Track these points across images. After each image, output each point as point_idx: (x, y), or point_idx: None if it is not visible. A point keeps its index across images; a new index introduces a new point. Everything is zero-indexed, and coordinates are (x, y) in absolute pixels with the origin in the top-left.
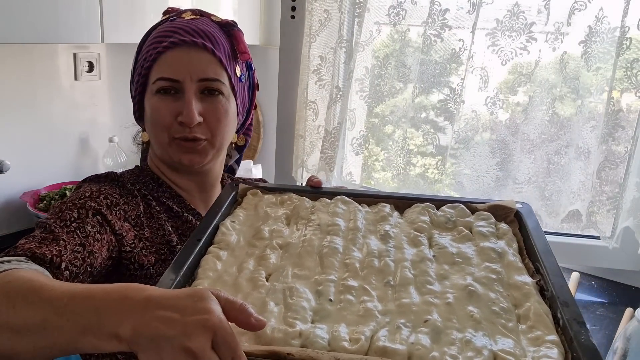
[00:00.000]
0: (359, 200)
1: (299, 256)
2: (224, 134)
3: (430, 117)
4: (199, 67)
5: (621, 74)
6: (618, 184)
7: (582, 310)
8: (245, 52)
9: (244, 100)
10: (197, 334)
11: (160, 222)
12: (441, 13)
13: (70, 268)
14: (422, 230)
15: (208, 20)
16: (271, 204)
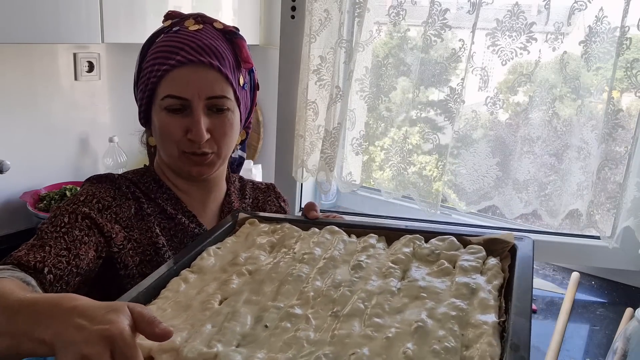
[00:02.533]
0: (351, 230)
1: (260, 282)
2: (230, 146)
3: (430, 117)
4: (207, 85)
5: (621, 74)
6: (618, 183)
7: (582, 310)
8: (248, 61)
9: (246, 104)
10: (96, 342)
11: (149, 224)
12: (441, 13)
13: (53, 271)
14: (400, 262)
15: (211, 29)
16: (263, 232)
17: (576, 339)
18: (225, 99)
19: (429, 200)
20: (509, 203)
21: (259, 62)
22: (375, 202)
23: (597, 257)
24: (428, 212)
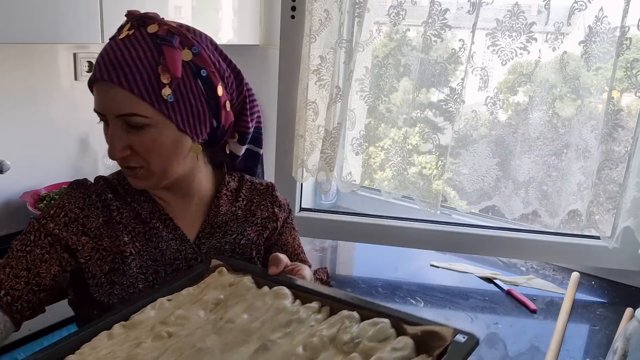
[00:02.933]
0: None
1: (167, 351)
2: (160, 161)
3: (430, 117)
4: (114, 103)
5: (621, 74)
6: (618, 183)
7: (582, 310)
8: (172, 72)
9: (196, 110)
10: None
11: (117, 232)
12: (441, 13)
13: (11, 293)
14: (310, 348)
15: (140, 36)
16: (220, 285)
17: (576, 339)
18: (137, 116)
19: (429, 200)
20: (509, 203)
21: (259, 62)
22: (375, 202)
23: (597, 257)
24: (428, 212)
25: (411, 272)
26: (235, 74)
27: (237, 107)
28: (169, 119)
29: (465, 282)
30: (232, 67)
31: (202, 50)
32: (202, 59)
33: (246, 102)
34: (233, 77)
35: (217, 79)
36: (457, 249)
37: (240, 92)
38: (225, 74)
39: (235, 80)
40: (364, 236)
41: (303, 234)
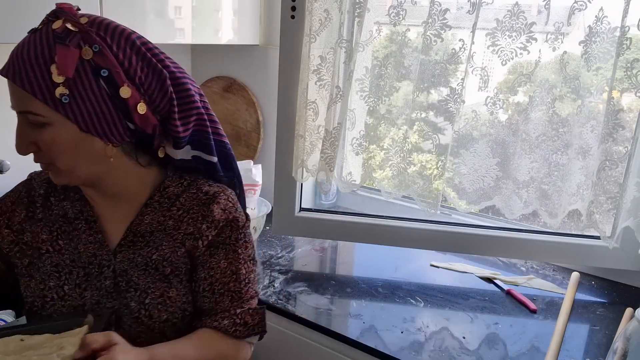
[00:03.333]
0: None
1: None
2: (65, 161)
3: (430, 117)
4: (14, 99)
5: (621, 74)
6: (618, 183)
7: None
8: (62, 70)
9: (100, 111)
10: None
11: (37, 229)
12: (441, 13)
13: None
14: None
15: (44, 32)
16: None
17: (576, 339)
18: (32, 114)
19: (429, 200)
20: (509, 203)
21: (259, 62)
22: (375, 202)
23: (597, 257)
24: (428, 212)
25: (411, 272)
26: (156, 75)
27: (163, 110)
28: (67, 118)
29: (465, 282)
30: (153, 67)
31: (105, 48)
32: (103, 58)
33: (174, 106)
34: (153, 78)
35: (122, 79)
36: (457, 249)
37: (164, 95)
38: (139, 74)
39: (157, 82)
40: (364, 236)
41: (303, 234)
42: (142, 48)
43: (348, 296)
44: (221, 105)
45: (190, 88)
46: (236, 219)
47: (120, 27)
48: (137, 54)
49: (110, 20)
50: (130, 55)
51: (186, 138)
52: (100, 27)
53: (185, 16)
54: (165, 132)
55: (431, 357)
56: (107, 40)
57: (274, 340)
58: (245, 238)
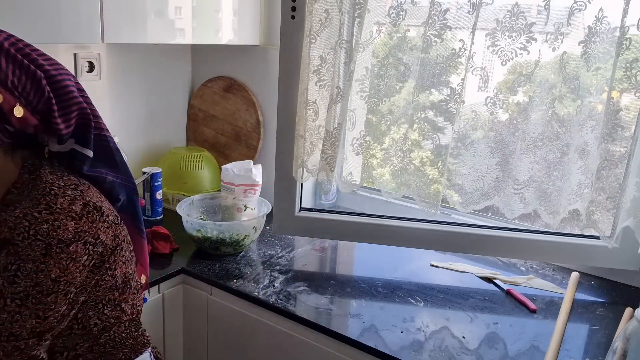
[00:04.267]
0: None
1: None
2: None
3: (430, 117)
4: None
5: (621, 74)
6: (618, 183)
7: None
8: None
9: None
10: None
11: None
12: (441, 13)
13: None
14: None
15: None
16: None
17: (576, 338)
18: None
19: (429, 200)
20: (509, 203)
21: (259, 62)
22: (375, 202)
23: (597, 257)
24: (428, 212)
25: (411, 272)
26: (30, 76)
27: (43, 109)
28: None
29: (465, 282)
30: (26, 69)
31: None
32: None
33: (52, 104)
34: (27, 79)
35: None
36: (457, 249)
37: (42, 95)
38: (10, 77)
39: (32, 83)
40: (364, 236)
41: (303, 233)
42: (11, 50)
43: (348, 296)
44: (221, 105)
45: (68, 84)
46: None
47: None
48: (7, 56)
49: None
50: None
51: (69, 134)
52: None
53: (185, 16)
54: (47, 129)
55: (431, 356)
56: None
57: (274, 340)
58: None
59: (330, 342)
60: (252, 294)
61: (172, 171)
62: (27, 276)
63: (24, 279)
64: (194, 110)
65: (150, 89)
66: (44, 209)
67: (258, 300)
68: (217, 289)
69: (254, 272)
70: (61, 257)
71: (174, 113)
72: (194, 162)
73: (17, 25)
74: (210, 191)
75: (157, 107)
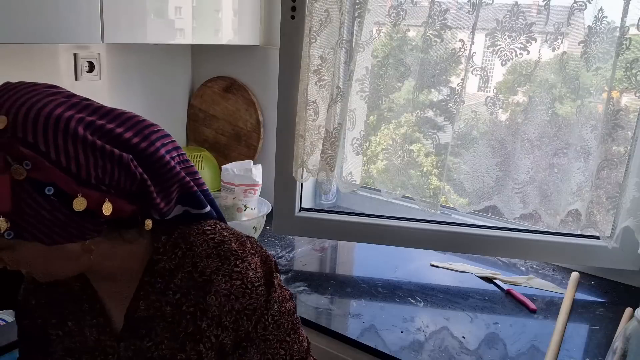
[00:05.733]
0: None
1: None
2: (40, 270)
3: (430, 117)
4: None
5: (621, 74)
6: (618, 183)
7: (581, 310)
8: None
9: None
10: None
11: (46, 313)
12: (441, 13)
13: None
14: None
15: None
16: None
17: (576, 338)
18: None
19: (429, 200)
20: (509, 203)
21: (259, 62)
22: (375, 202)
23: (597, 257)
24: (428, 212)
25: (411, 272)
26: (116, 162)
27: (137, 191)
28: (26, 240)
29: (465, 282)
30: (109, 155)
31: (39, 160)
32: (41, 172)
33: (148, 186)
34: (113, 168)
35: (73, 189)
36: (457, 249)
37: (133, 180)
38: (93, 173)
39: (119, 170)
40: (364, 236)
41: (303, 233)
42: (88, 137)
43: (348, 296)
44: (221, 105)
45: (163, 155)
46: (253, 298)
47: (54, 115)
48: (84, 147)
49: (40, 106)
50: (75, 153)
51: (171, 209)
52: (27, 127)
53: (185, 16)
54: (147, 208)
55: (431, 356)
56: (39, 147)
57: None
58: (273, 312)
59: (330, 342)
60: None
61: None
62: (286, 314)
63: (287, 318)
64: (194, 110)
65: (150, 89)
66: (235, 259)
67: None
68: None
69: None
70: (277, 294)
71: (174, 113)
72: (194, 162)
73: (17, 25)
74: (211, 191)
75: (157, 107)
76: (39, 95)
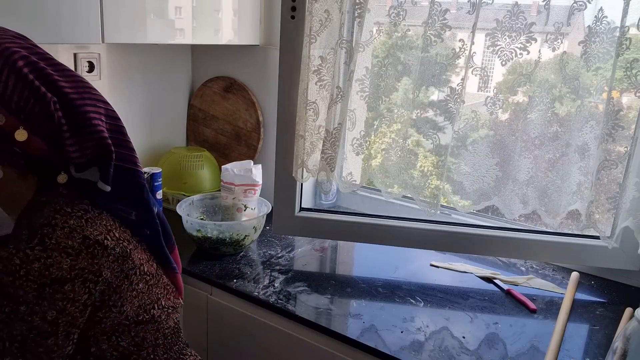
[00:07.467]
0: None
1: None
2: None
3: (430, 117)
4: None
5: (621, 74)
6: (618, 183)
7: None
8: None
9: None
10: None
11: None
12: (441, 13)
13: None
14: None
15: None
16: None
17: (576, 338)
18: None
19: (429, 200)
20: (509, 203)
21: (259, 62)
22: (375, 202)
23: (597, 257)
24: (428, 212)
25: (411, 272)
26: (39, 100)
27: (52, 134)
28: None
29: (465, 282)
30: (36, 91)
31: None
32: None
33: (64, 131)
34: (35, 103)
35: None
36: (457, 249)
37: (51, 120)
38: (15, 99)
39: (40, 107)
40: (364, 236)
41: (303, 233)
42: (23, 70)
43: (348, 296)
44: (221, 105)
45: (88, 110)
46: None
47: (2, 46)
48: (18, 77)
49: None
50: (6, 78)
51: (84, 164)
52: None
53: (185, 16)
54: (60, 155)
55: (431, 356)
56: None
57: (274, 340)
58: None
59: (330, 342)
60: (252, 294)
61: (172, 171)
62: (22, 319)
63: (19, 321)
64: (194, 110)
65: (150, 89)
66: (37, 244)
67: (258, 300)
68: (217, 289)
69: (254, 272)
70: (56, 298)
71: (174, 113)
72: (194, 162)
73: (17, 25)
74: (210, 191)
75: (157, 107)
76: (3, 33)
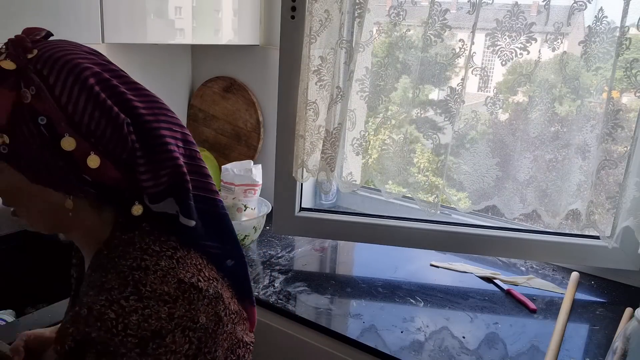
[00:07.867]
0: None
1: None
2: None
3: (430, 117)
4: None
5: (621, 74)
6: (618, 183)
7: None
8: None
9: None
10: None
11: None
12: (441, 13)
13: None
14: None
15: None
16: None
17: (576, 338)
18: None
19: (429, 200)
20: (509, 203)
21: (259, 62)
22: (375, 202)
23: (597, 257)
24: (428, 212)
25: (411, 272)
26: (111, 121)
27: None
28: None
29: (465, 282)
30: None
31: (43, 90)
32: (42, 102)
33: (137, 157)
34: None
35: (62, 128)
36: (457, 249)
37: (124, 144)
38: (86, 121)
39: (112, 130)
40: (364, 236)
41: (303, 234)
42: (95, 88)
43: (348, 296)
44: (221, 105)
45: (163, 134)
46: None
47: (73, 62)
48: (88, 95)
49: (66, 53)
50: (77, 97)
51: (159, 193)
52: (46, 63)
53: (185, 16)
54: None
55: (431, 356)
56: (48, 80)
57: (274, 340)
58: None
59: (330, 342)
60: None
61: None
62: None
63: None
64: (194, 110)
65: (150, 89)
66: (132, 293)
67: (258, 300)
68: None
69: (254, 272)
70: (159, 353)
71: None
72: None
73: (17, 25)
74: None
75: None
76: (75, 49)
